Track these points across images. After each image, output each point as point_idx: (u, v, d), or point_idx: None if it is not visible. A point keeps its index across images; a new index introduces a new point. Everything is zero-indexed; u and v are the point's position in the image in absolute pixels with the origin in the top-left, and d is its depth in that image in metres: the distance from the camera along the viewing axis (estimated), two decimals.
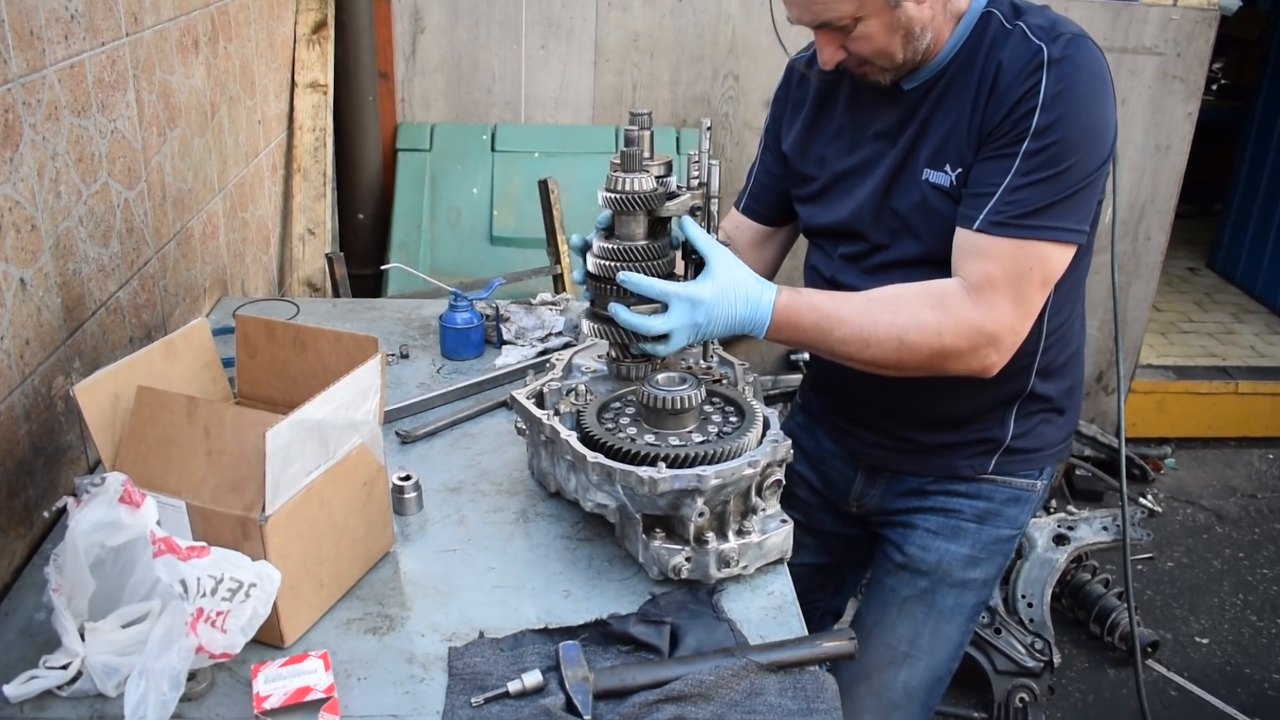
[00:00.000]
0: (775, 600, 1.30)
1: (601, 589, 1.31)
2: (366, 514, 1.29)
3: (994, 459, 1.61)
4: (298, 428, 1.11)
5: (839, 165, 1.54)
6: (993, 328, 1.36)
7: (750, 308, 1.37)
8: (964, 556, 1.65)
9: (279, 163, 2.73)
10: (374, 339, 1.28)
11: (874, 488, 1.71)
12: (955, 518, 1.65)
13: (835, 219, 1.56)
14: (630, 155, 1.38)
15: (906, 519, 1.68)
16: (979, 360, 1.38)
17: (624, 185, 1.37)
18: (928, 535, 1.66)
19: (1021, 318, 1.37)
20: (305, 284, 2.87)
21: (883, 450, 1.66)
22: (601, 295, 1.43)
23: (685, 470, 1.25)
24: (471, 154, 3.36)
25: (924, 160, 1.44)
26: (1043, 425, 1.61)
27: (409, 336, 2.03)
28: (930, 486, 1.65)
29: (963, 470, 1.62)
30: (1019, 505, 1.65)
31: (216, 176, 2.17)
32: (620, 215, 1.40)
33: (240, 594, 1.06)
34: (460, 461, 1.60)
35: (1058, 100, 1.32)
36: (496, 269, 2.98)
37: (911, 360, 1.38)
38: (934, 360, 1.38)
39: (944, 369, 1.39)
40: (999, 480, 1.63)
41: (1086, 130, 1.33)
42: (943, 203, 1.43)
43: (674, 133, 3.41)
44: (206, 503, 1.12)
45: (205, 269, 2.11)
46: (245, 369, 1.40)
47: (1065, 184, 1.33)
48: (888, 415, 1.63)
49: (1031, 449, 1.62)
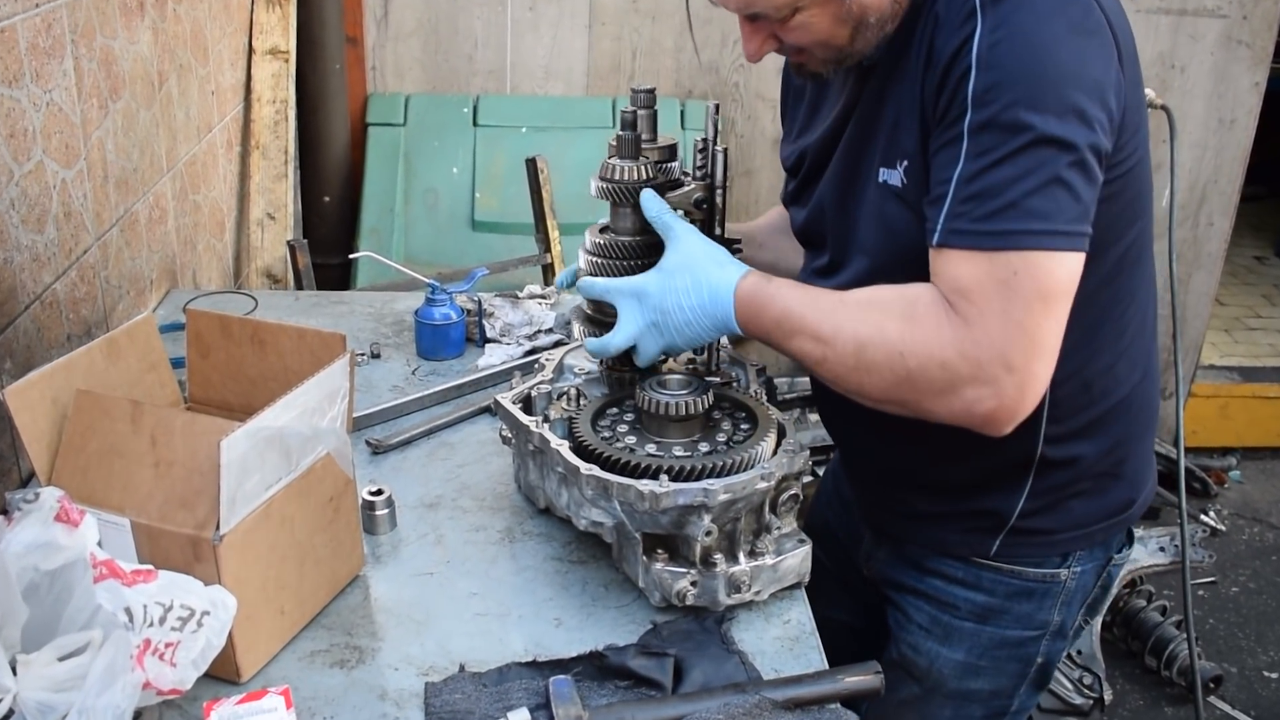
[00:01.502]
0: (792, 630, 1.30)
1: (597, 617, 1.31)
2: (333, 533, 1.29)
3: (997, 540, 1.44)
4: (256, 436, 1.11)
5: (811, 157, 1.44)
6: (975, 352, 1.13)
7: (709, 295, 1.27)
8: (959, 664, 1.52)
9: (235, 139, 2.73)
10: (342, 336, 1.28)
11: (879, 550, 1.62)
12: (950, 613, 1.51)
13: (800, 221, 1.48)
14: (626, 140, 1.38)
15: (904, 603, 1.57)
16: (963, 401, 1.15)
17: (617, 173, 1.37)
18: (920, 633, 1.55)
19: (1020, 341, 1.12)
20: (264, 275, 2.87)
21: (880, 510, 1.58)
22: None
23: (690, 484, 1.24)
24: (451, 129, 3.36)
25: (877, 154, 1.29)
26: (1070, 501, 1.42)
27: (381, 334, 2.03)
28: (928, 562, 1.52)
29: (956, 548, 1.48)
30: (1033, 600, 1.48)
31: (165, 154, 2.17)
32: (615, 207, 1.40)
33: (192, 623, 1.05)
34: (438, 474, 1.60)
35: (997, 51, 1.10)
36: (479, 258, 2.98)
37: (873, 385, 1.20)
38: (901, 389, 1.18)
39: (923, 407, 1.18)
40: (1004, 568, 1.46)
41: (1051, 84, 1.09)
42: (896, 209, 1.26)
43: (678, 106, 3.41)
44: (154, 521, 1.12)
45: (152, 258, 2.11)
46: (197, 370, 1.40)
47: (1035, 165, 1.10)
48: (877, 463, 1.53)
49: (1048, 530, 1.44)
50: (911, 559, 1.54)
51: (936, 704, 1.56)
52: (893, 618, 1.61)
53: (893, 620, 1.61)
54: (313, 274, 2.53)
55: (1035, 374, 1.14)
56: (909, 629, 1.56)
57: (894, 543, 1.58)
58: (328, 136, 3.23)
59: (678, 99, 3.44)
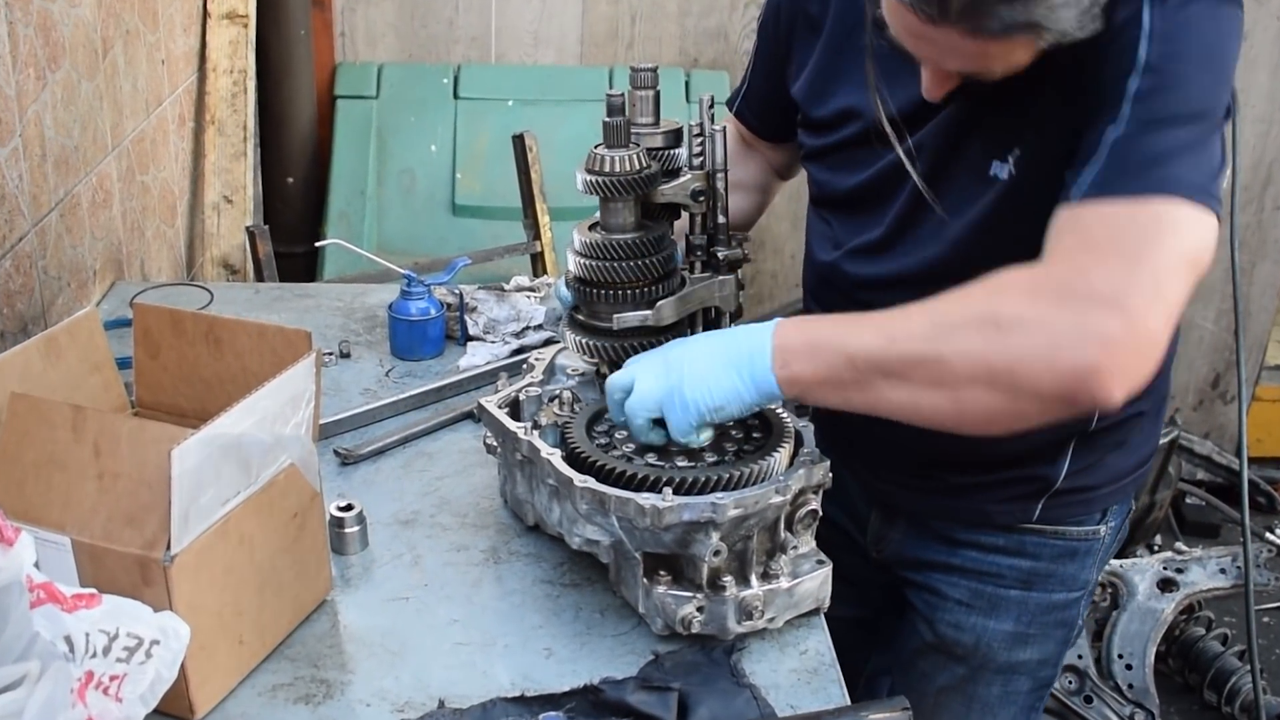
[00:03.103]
0: (809, 661, 1.30)
1: (592, 647, 1.31)
2: (297, 553, 1.29)
3: (1039, 504, 1.54)
4: (211, 445, 1.11)
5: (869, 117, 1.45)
6: (1082, 291, 1.12)
7: (742, 334, 1.26)
8: (1008, 634, 1.61)
9: (188, 113, 2.73)
10: (307, 334, 1.28)
11: (892, 530, 1.67)
12: (993, 583, 1.59)
13: (846, 186, 1.51)
14: (614, 127, 1.38)
15: (933, 581, 1.64)
16: (1067, 357, 1.10)
17: (606, 165, 1.37)
18: (960, 609, 1.62)
19: (1145, 285, 1.11)
20: (221, 265, 2.87)
21: (897, 488, 1.62)
22: (586, 300, 1.43)
23: (697, 497, 1.25)
24: (429, 102, 3.36)
25: (980, 142, 1.35)
26: (1109, 456, 1.54)
27: (351, 331, 2.04)
28: (960, 535, 1.60)
29: (997, 517, 1.56)
30: (1077, 561, 1.59)
31: (110, 131, 2.17)
32: (605, 202, 1.40)
33: (140, 653, 1.05)
34: (415, 487, 1.60)
35: (1171, 26, 1.21)
36: (460, 246, 2.98)
37: (955, 364, 1.15)
38: (991, 362, 1.13)
39: (1020, 385, 1.13)
40: (1047, 530, 1.56)
41: (1210, 59, 1.23)
42: (1001, 204, 1.33)
43: (682, 76, 3.41)
44: (97, 539, 1.12)
45: (96, 246, 2.11)
46: (146, 371, 1.40)
47: (1195, 138, 1.20)
48: (901, 448, 1.54)
49: (1089, 487, 1.55)
50: (939, 534, 1.60)
51: (984, 682, 1.62)
52: (919, 599, 1.66)
53: (920, 602, 1.66)
54: (275, 264, 2.53)
55: (1150, 323, 1.11)
56: (945, 607, 1.62)
57: (913, 520, 1.62)
58: (291, 111, 3.23)
59: (682, 69, 3.44)
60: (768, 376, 1.23)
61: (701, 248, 1.44)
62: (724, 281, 1.44)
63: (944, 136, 1.38)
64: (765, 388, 1.23)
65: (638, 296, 1.41)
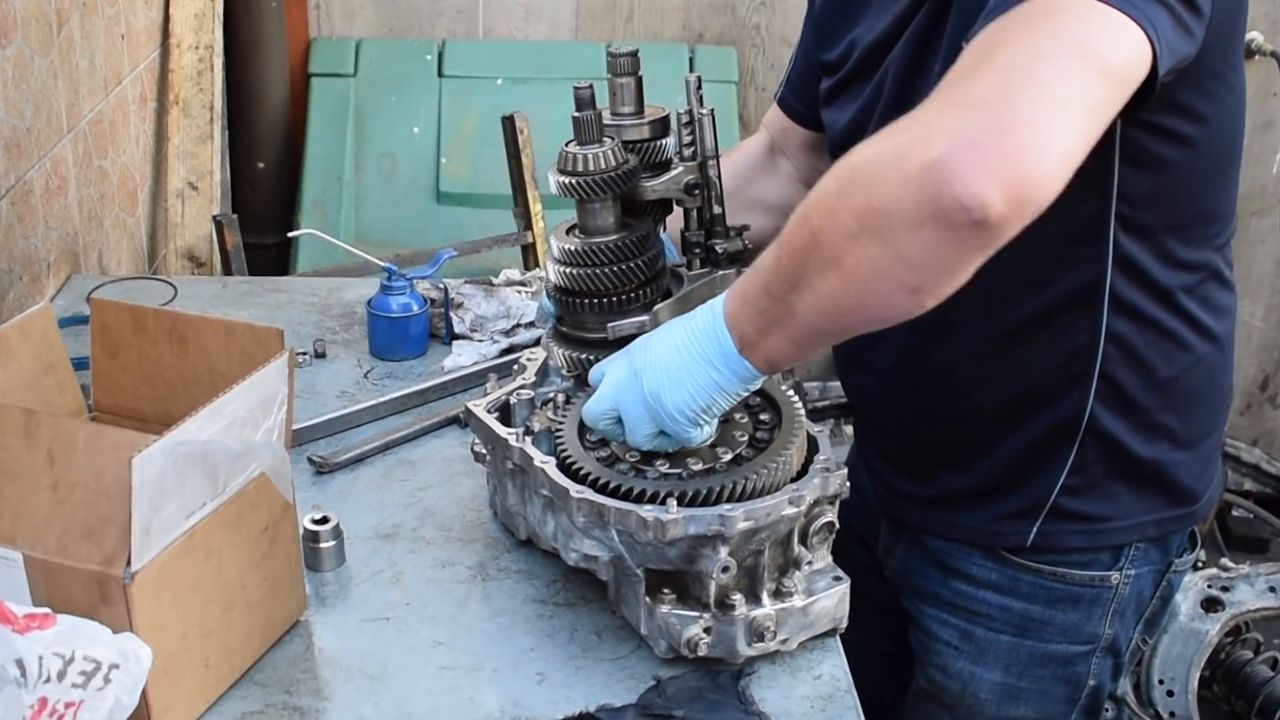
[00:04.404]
0: (824, 687, 1.30)
1: (588, 671, 1.31)
2: (269, 570, 1.29)
3: (1034, 526, 1.49)
4: (175, 453, 1.11)
5: (865, 43, 1.50)
6: (930, 105, 1.05)
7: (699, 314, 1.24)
8: (996, 685, 1.57)
9: (150, 92, 2.73)
10: (279, 332, 1.28)
11: (896, 545, 1.66)
12: (981, 624, 1.56)
13: (840, 125, 1.53)
14: (583, 122, 1.37)
15: (924, 617, 1.62)
16: (935, 166, 0.99)
17: (579, 164, 1.37)
18: (948, 652, 1.59)
19: (1023, 84, 1.01)
20: (185, 256, 2.87)
21: (895, 488, 1.62)
22: (570, 311, 1.43)
23: (704, 509, 1.24)
24: (411, 80, 3.36)
25: (943, 43, 1.36)
26: (1117, 482, 1.48)
27: (326, 329, 2.04)
28: (953, 560, 1.57)
29: (985, 537, 1.53)
30: (1080, 609, 1.52)
31: (65, 111, 2.17)
32: (582, 204, 1.40)
33: (97, 678, 1.05)
34: (396, 498, 1.60)
35: None
36: (445, 237, 2.98)
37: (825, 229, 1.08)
38: (850, 205, 1.06)
39: (875, 209, 1.04)
40: (1044, 570, 1.51)
41: None
42: None
43: (686, 52, 3.41)
44: (51, 554, 1.12)
45: (50, 236, 2.10)
46: (104, 372, 1.40)
47: None
48: (902, 424, 1.57)
49: (1090, 516, 1.49)
50: (933, 555, 1.59)
51: None
52: (915, 637, 1.65)
53: (915, 640, 1.65)
54: (244, 256, 2.53)
55: (1018, 105, 1.00)
56: (934, 649, 1.60)
57: (913, 535, 1.62)
58: (262, 90, 3.23)
59: (686, 44, 3.45)
60: (738, 359, 1.20)
61: (699, 244, 1.44)
62: (725, 277, 1.43)
63: (909, 49, 1.40)
64: (742, 371, 1.20)
65: (626, 302, 1.40)
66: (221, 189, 3.06)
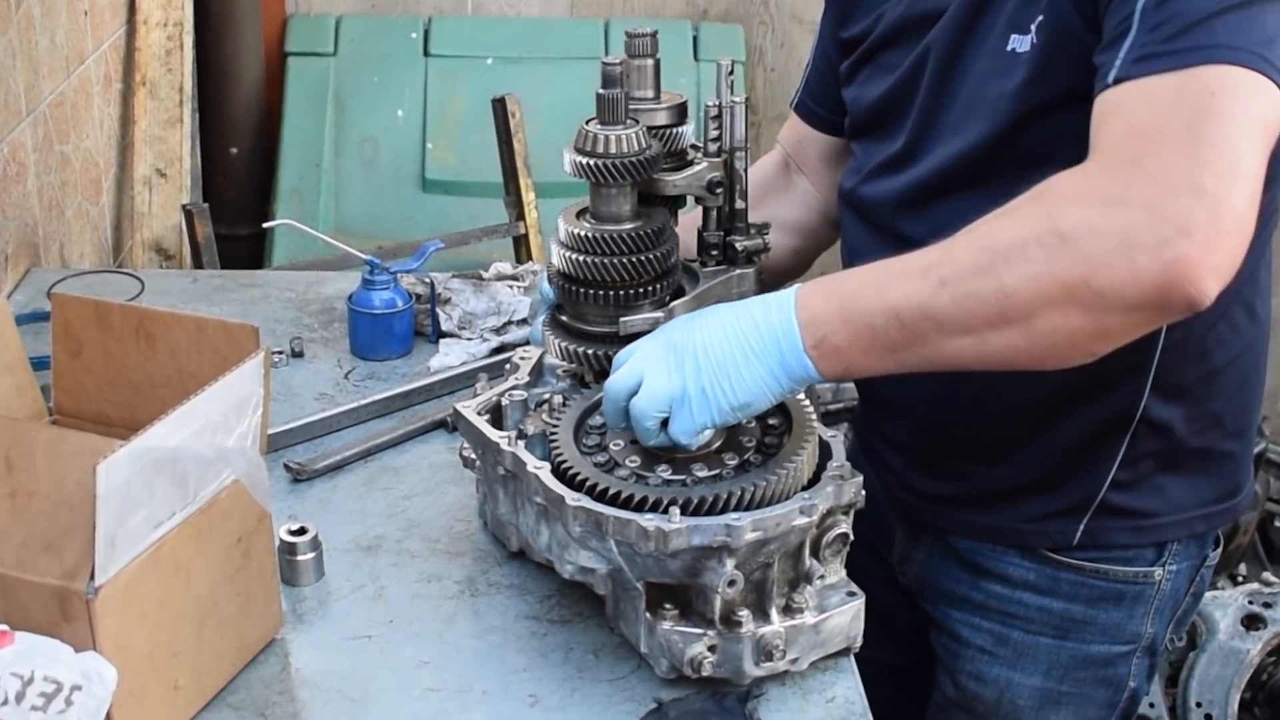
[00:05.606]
0: (837, 710, 1.30)
1: (584, 693, 1.31)
2: (242, 584, 1.29)
3: (1080, 524, 1.52)
4: (142, 459, 1.11)
5: (896, 14, 1.52)
6: (1150, 184, 1.12)
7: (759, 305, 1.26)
8: (1036, 691, 1.59)
9: (115, 73, 2.73)
10: (254, 329, 1.28)
11: (915, 549, 1.67)
12: (1019, 627, 1.57)
13: (867, 100, 1.55)
14: (609, 100, 1.37)
15: (952, 622, 1.63)
16: (1145, 252, 1.11)
17: (600, 145, 1.37)
18: (982, 658, 1.60)
19: (1213, 161, 1.12)
20: (153, 249, 2.87)
21: (915, 486, 1.62)
22: (573, 300, 1.43)
23: (709, 518, 1.24)
24: (395, 60, 3.36)
25: (1002, 17, 1.39)
26: (1167, 476, 1.52)
27: (304, 326, 2.04)
28: (986, 560, 1.58)
29: (1026, 537, 1.54)
30: (1122, 608, 1.55)
31: (24, 92, 2.17)
32: (597, 187, 1.40)
33: (58, 700, 1.05)
34: (379, 508, 1.60)
35: None
36: (431, 228, 2.98)
37: (1022, 291, 1.14)
38: (1058, 274, 1.13)
39: (1096, 288, 1.13)
40: (1086, 568, 1.54)
41: None
42: (1019, 77, 1.36)
43: (689, 31, 3.41)
44: (9, 568, 1.12)
45: (7, 227, 2.10)
46: (66, 373, 1.40)
47: None
48: (934, 418, 1.57)
49: (1139, 512, 1.52)
50: (961, 556, 1.59)
51: None
52: (940, 643, 1.65)
53: (941, 647, 1.65)
54: (216, 248, 2.54)
55: (1231, 201, 1.12)
56: (966, 655, 1.61)
57: (937, 536, 1.62)
58: (235, 70, 3.24)
59: (690, 21, 3.45)
60: (801, 359, 1.22)
61: (717, 245, 1.44)
62: (743, 276, 1.44)
63: (959, 20, 1.43)
64: (800, 372, 1.22)
65: (635, 297, 1.40)
66: (192, 176, 3.06)
